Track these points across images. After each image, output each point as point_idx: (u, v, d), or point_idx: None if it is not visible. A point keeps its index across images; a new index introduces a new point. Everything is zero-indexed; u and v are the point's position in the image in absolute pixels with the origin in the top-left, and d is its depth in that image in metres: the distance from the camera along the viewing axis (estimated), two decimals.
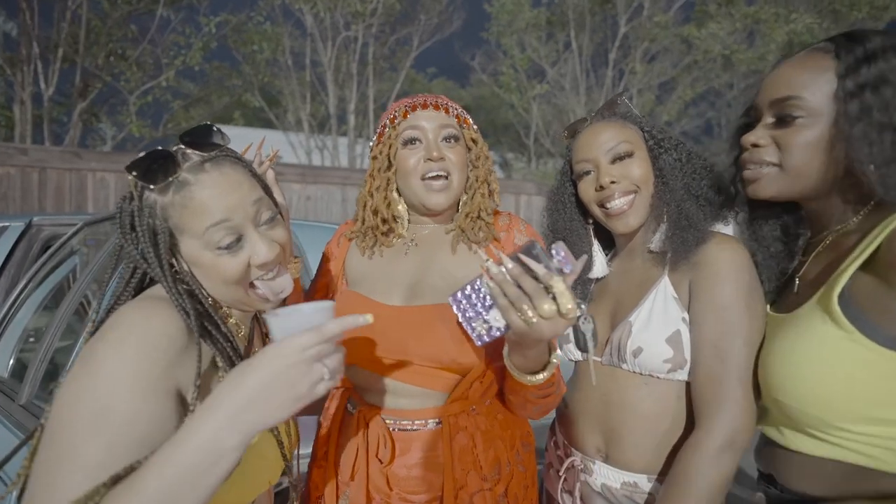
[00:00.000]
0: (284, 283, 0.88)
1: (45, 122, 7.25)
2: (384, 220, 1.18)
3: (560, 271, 0.78)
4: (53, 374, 1.70)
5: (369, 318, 0.72)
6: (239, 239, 0.82)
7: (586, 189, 1.19)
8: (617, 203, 1.14)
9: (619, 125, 1.17)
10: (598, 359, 1.18)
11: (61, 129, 7.91)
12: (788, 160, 0.89)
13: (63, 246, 2.53)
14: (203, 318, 0.80)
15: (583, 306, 1.09)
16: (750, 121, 0.97)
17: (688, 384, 1.07)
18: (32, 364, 1.69)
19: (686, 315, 1.07)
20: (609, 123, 1.18)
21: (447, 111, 1.16)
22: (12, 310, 2.35)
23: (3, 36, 7.46)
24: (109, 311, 0.81)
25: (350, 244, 1.25)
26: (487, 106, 13.11)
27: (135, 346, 0.70)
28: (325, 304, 0.74)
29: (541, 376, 0.97)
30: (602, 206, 1.17)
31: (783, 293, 1.02)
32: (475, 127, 1.22)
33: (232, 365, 0.81)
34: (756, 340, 1.01)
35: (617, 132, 1.16)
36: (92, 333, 0.79)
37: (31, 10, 6.83)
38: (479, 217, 1.18)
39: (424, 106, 1.15)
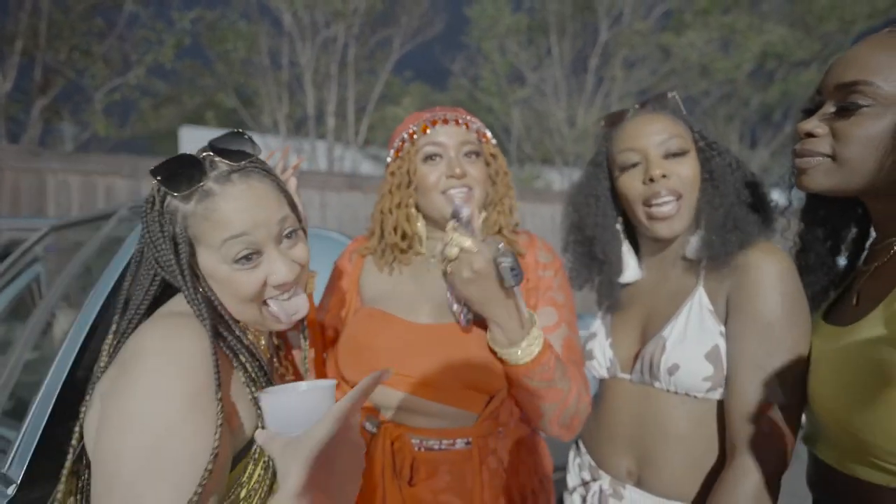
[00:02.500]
0: (299, 305, 0.86)
1: (0, 120, 6.81)
2: (404, 237, 1.17)
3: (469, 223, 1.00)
4: (26, 386, 1.48)
5: (391, 371, 0.73)
6: (257, 254, 0.79)
7: (631, 183, 1.11)
8: (665, 208, 1.08)
9: (671, 119, 1.12)
10: (629, 376, 1.14)
11: (18, 127, 7.45)
12: (843, 152, 0.80)
13: (26, 252, 2.30)
14: (222, 329, 0.78)
15: (499, 244, 1.02)
16: (813, 106, 0.88)
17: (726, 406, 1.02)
18: None
19: (724, 328, 1.02)
20: (660, 115, 1.13)
21: (467, 127, 1.16)
22: None
23: None
24: (129, 322, 0.79)
25: (364, 261, 1.24)
26: (466, 110, 13.14)
27: (175, 374, 0.68)
28: (325, 384, 0.72)
29: (521, 352, 1.00)
30: (648, 204, 1.10)
31: (839, 303, 0.94)
32: (494, 142, 1.23)
33: (252, 380, 0.79)
34: (803, 358, 0.92)
35: (669, 125, 1.10)
36: (118, 344, 0.78)
37: None
38: (500, 233, 1.19)
39: (445, 122, 1.14)
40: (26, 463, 1.13)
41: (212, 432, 0.68)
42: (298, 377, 1.04)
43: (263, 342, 0.88)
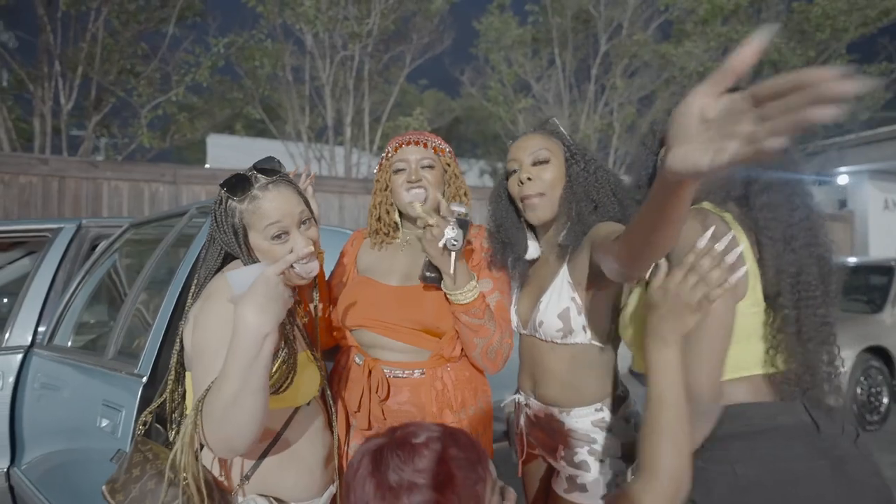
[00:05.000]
0: (314, 268, 1.20)
1: (63, 135, 7.66)
2: (385, 224, 1.55)
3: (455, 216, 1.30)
4: (134, 332, 2.18)
5: (311, 247, 1.11)
6: (286, 234, 1.15)
7: (513, 184, 1.42)
8: (532, 201, 1.38)
9: (545, 137, 1.42)
10: (525, 331, 1.48)
11: (71, 140, 8.30)
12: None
13: (113, 244, 2.99)
14: None
15: (451, 222, 1.30)
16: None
17: (580, 346, 1.35)
18: (114, 331, 2.17)
19: (575, 295, 1.33)
20: (536, 134, 1.43)
21: (425, 146, 1.48)
22: (72, 298, 2.81)
23: (20, 51, 7.90)
24: (206, 278, 1.18)
25: (361, 244, 1.61)
26: (477, 117, 13.48)
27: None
28: (256, 265, 1.02)
29: (462, 294, 1.32)
30: (522, 199, 1.40)
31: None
32: (450, 153, 1.54)
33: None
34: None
35: (541, 142, 1.40)
36: (198, 292, 1.17)
37: (55, 31, 7.30)
38: None
39: (408, 143, 1.49)
40: (150, 367, 1.84)
41: None
42: (312, 320, 1.40)
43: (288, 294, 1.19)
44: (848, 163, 13.08)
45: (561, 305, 1.33)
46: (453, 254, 1.29)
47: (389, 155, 1.51)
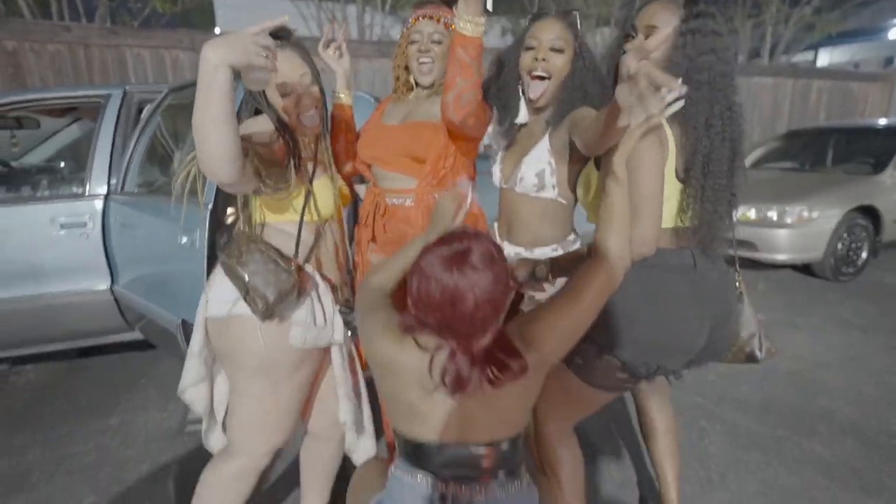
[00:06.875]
0: (316, 119, 1.45)
1: (78, 2, 7.64)
2: (401, 83, 1.82)
3: None
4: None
5: (285, 18, 1.14)
6: (293, 91, 1.37)
7: (526, 57, 1.55)
8: (535, 88, 1.52)
9: (565, 27, 1.53)
10: (506, 186, 1.66)
11: (86, 4, 8.26)
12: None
13: (157, 108, 3.38)
14: (282, 127, 1.39)
15: None
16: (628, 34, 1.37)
17: (548, 200, 1.55)
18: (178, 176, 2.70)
19: (552, 160, 1.51)
20: (559, 22, 1.54)
21: (438, 21, 1.66)
22: (133, 154, 3.31)
23: None
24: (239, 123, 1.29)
25: (388, 101, 1.88)
26: None
27: (263, 125, 1.38)
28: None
29: (470, 26, 1.37)
30: (529, 73, 1.54)
31: None
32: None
33: (287, 144, 1.35)
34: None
35: (561, 31, 1.52)
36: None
37: None
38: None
39: (424, 16, 1.68)
40: (212, 197, 2.36)
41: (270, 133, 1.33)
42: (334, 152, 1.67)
43: (307, 139, 1.50)
44: None
45: (539, 166, 1.53)
46: None
47: (409, 25, 1.73)
